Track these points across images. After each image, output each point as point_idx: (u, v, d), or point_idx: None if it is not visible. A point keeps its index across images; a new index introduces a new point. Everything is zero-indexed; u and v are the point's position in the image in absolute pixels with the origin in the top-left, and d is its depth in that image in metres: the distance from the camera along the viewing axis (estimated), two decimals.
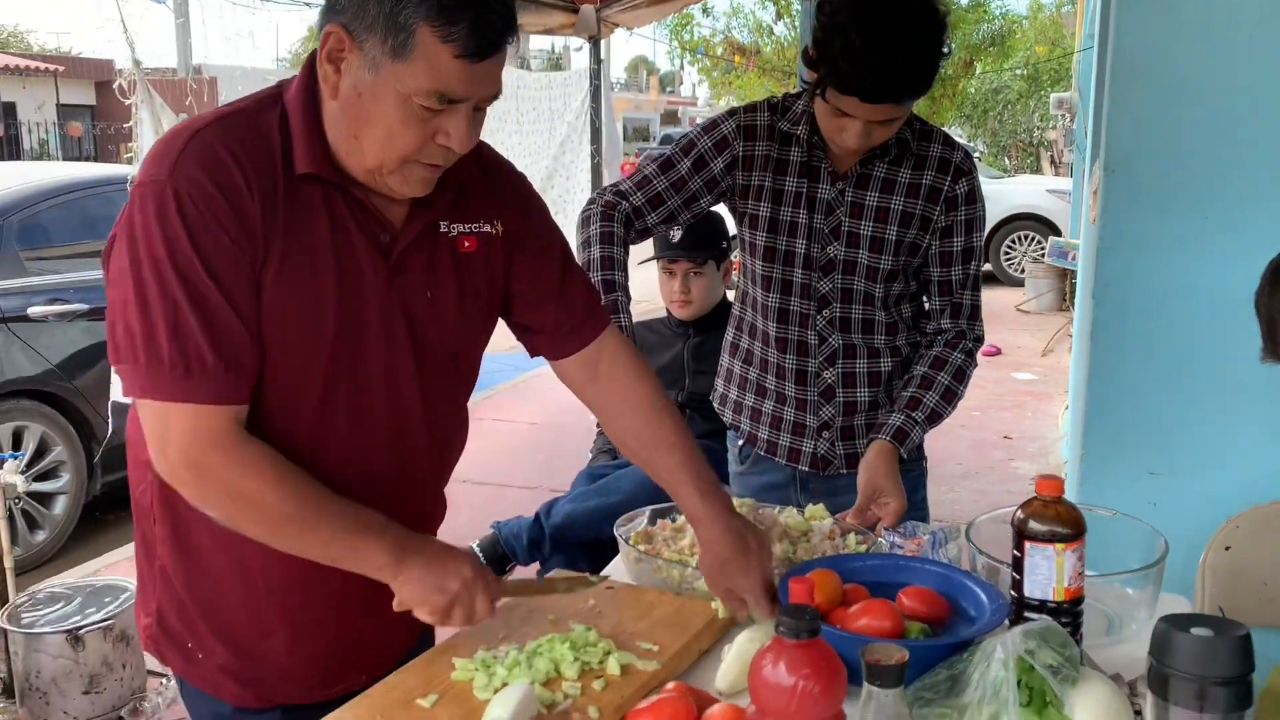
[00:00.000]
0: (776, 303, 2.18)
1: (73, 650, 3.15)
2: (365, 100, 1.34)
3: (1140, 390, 2.59)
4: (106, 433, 4.84)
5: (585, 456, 3.47)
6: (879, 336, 2.19)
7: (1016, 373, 8.01)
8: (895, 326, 2.20)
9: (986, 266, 11.17)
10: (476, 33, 1.30)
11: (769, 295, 2.18)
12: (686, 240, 3.15)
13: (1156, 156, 2.51)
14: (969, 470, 5.76)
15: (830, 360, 2.19)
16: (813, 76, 1.93)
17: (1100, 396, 2.65)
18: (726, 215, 2.42)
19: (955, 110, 19.40)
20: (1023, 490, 5.23)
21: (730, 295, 2.69)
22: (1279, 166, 2.45)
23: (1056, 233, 11.41)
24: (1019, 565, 1.41)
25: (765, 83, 17.51)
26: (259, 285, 1.37)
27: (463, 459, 1.70)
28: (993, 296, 9.86)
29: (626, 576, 1.83)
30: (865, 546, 1.87)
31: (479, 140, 1.47)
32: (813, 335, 2.18)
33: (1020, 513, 1.42)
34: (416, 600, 1.43)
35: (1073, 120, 12.56)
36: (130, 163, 4.40)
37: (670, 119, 44.58)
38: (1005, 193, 12.32)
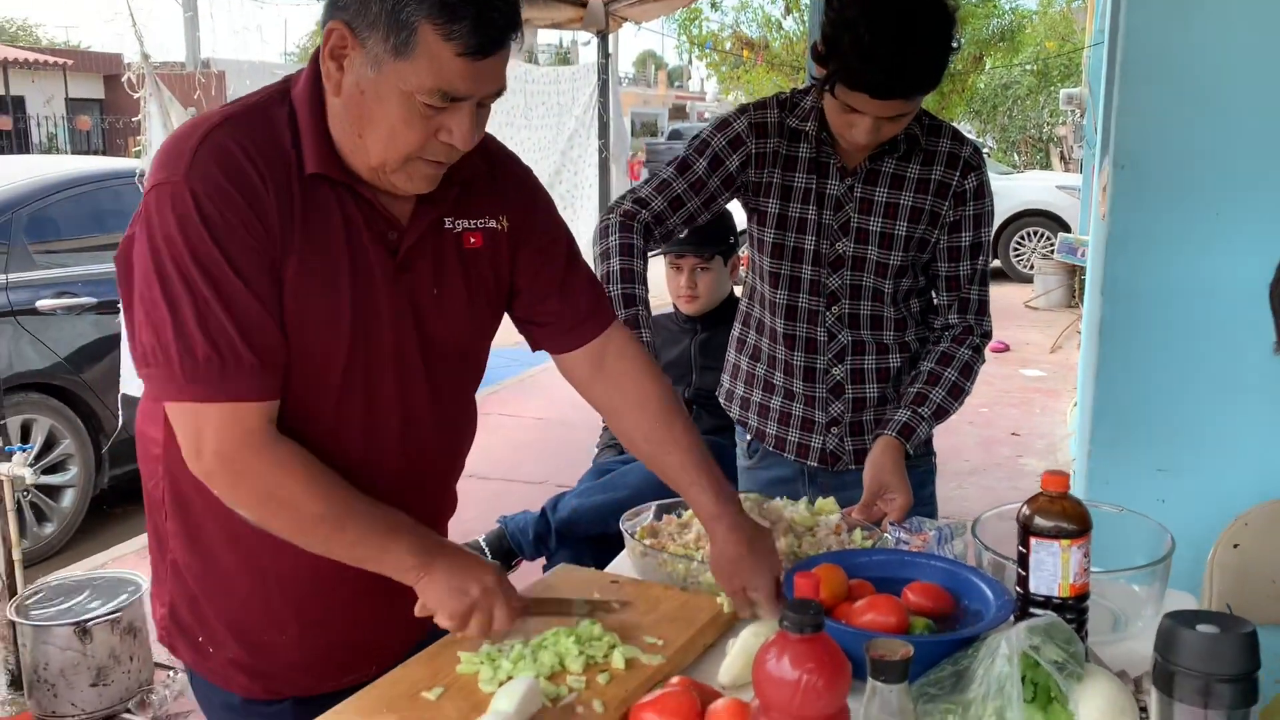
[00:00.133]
0: (785, 299, 2.17)
1: (80, 643, 3.17)
2: (368, 98, 1.34)
3: (1149, 387, 2.58)
4: (115, 426, 4.86)
5: (591, 451, 3.47)
6: (888, 332, 2.18)
7: (1025, 369, 8.00)
8: (904, 322, 2.20)
9: (995, 263, 11.16)
10: (479, 30, 1.29)
11: (777, 292, 2.18)
12: (693, 235, 3.13)
13: (1167, 153, 2.49)
14: (976, 467, 5.75)
15: (839, 356, 2.19)
16: (822, 72, 1.93)
17: (1108, 393, 2.64)
18: (734, 210, 2.41)
19: (964, 106, 19.35)
20: (1030, 487, 5.18)
21: (738, 291, 2.69)
22: None
23: (1066, 229, 11.35)
24: (1024, 561, 1.41)
25: (774, 77, 17.49)
26: (280, 283, 1.37)
27: (469, 454, 1.70)
28: (1001, 293, 9.84)
29: (632, 571, 1.83)
30: (871, 542, 1.87)
31: (485, 134, 1.46)
32: (822, 332, 2.17)
33: (1026, 508, 1.42)
34: (437, 603, 1.43)
35: (1083, 116, 12.50)
36: (139, 156, 4.38)
37: (678, 114, 44.53)
38: (1014, 189, 12.28)
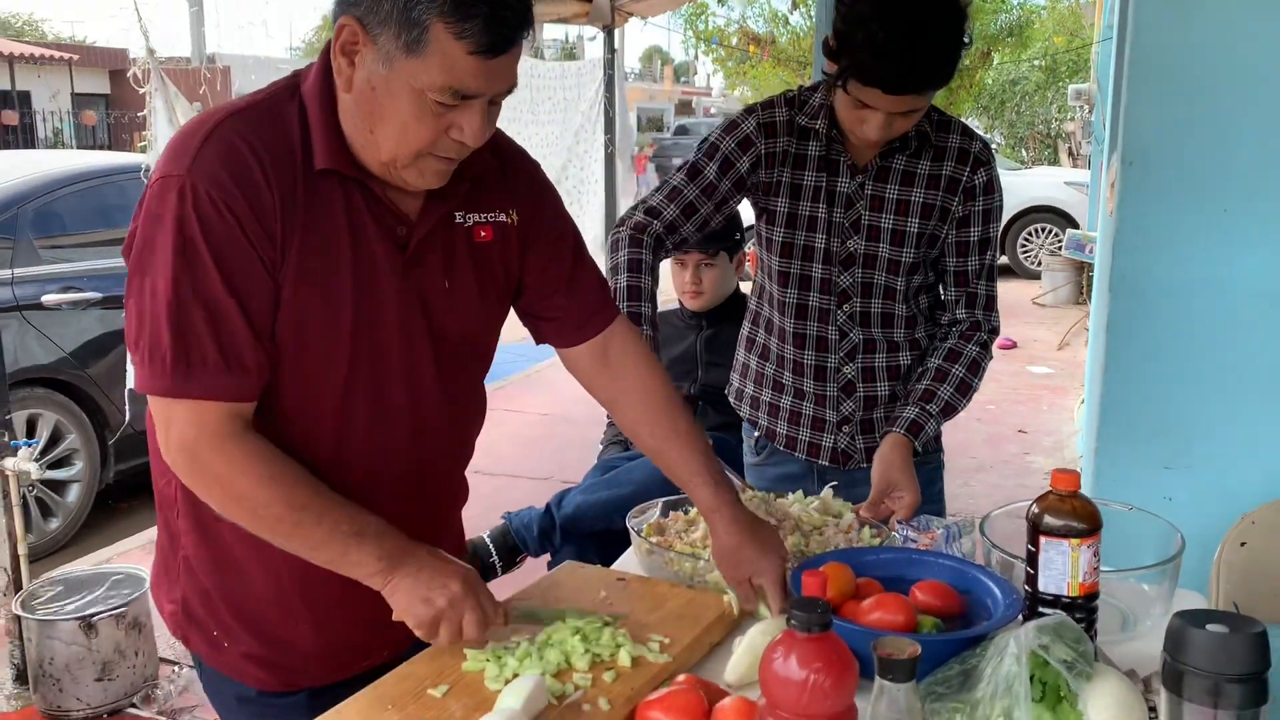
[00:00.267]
0: (795, 298, 2.16)
1: (86, 637, 3.17)
2: (379, 94, 1.33)
3: (1156, 384, 2.57)
4: (120, 421, 4.86)
5: (596, 447, 3.47)
6: (899, 330, 2.18)
7: (1032, 366, 7.98)
8: (914, 319, 2.19)
9: (1003, 259, 11.12)
10: (490, 29, 1.29)
11: (787, 291, 2.17)
12: None
13: (1175, 149, 2.49)
14: (983, 464, 5.75)
15: (850, 355, 2.18)
16: (833, 68, 1.92)
17: (1116, 390, 2.63)
18: (741, 206, 2.40)
19: (972, 101, 19.30)
20: (1037, 484, 5.22)
21: (744, 287, 2.68)
22: None
23: (1074, 225, 11.33)
24: (1034, 560, 1.40)
25: (780, 73, 17.47)
26: (277, 283, 1.37)
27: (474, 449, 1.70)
28: (1009, 289, 9.83)
29: (638, 568, 1.83)
30: (879, 540, 1.86)
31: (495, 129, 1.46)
32: (833, 330, 2.16)
33: (1036, 507, 1.41)
34: (404, 612, 1.42)
35: (1091, 112, 12.46)
36: (144, 151, 4.39)
37: (685, 109, 44.49)
38: (1022, 185, 12.23)
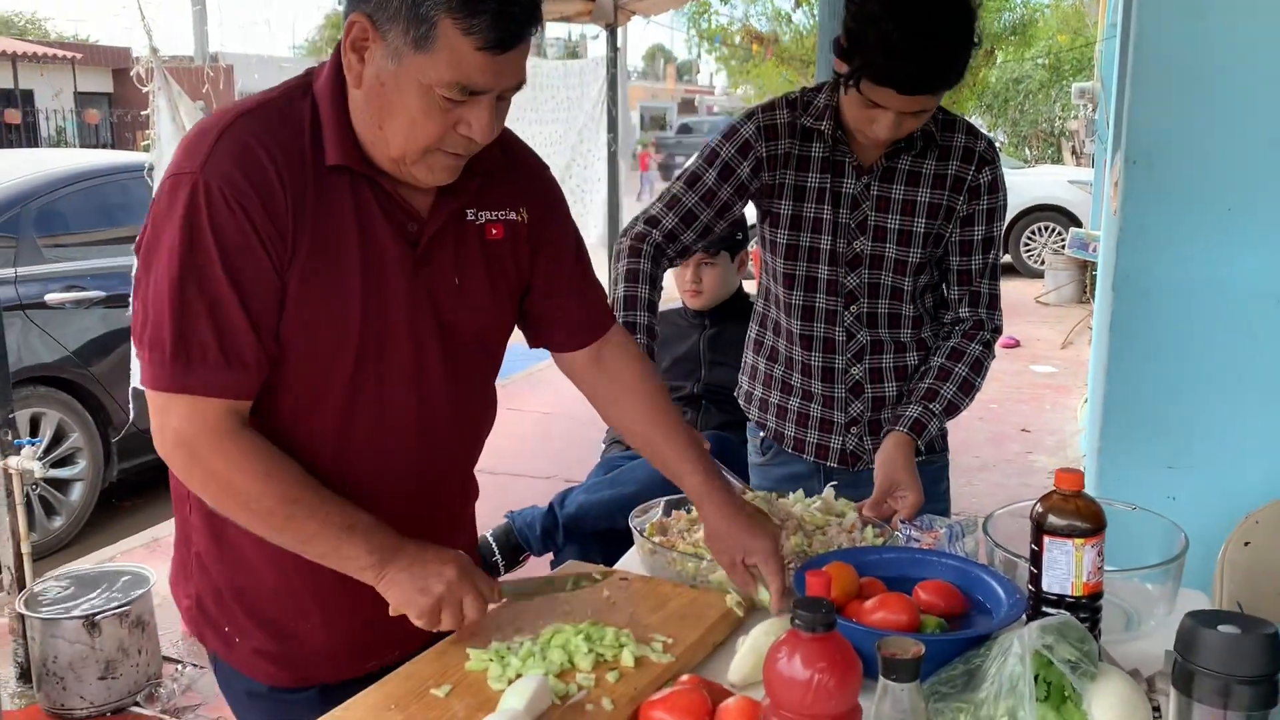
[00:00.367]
0: (801, 300, 2.16)
1: (89, 636, 3.17)
2: (388, 90, 1.34)
3: (1160, 383, 2.57)
4: (124, 419, 4.86)
5: (599, 447, 3.47)
6: (905, 330, 2.17)
7: (1035, 365, 7.97)
8: (921, 319, 2.19)
9: (1006, 258, 11.13)
10: (498, 24, 1.29)
11: (793, 293, 2.16)
12: None
13: (1179, 148, 2.48)
14: (986, 463, 5.74)
15: (858, 356, 2.17)
16: (843, 68, 1.91)
17: (1119, 390, 2.63)
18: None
19: (976, 100, 19.30)
20: (1040, 484, 5.22)
21: (748, 286, 2.67)
22: None
23: (1077, 224, 11.32)
24: (1037, 560, 1.40)
25: (783, 71, 17.46)
26: (284, 281, 1.37)
27: None
28: (1012, 288, 9.82)
29: (641, 568, 1.83)
30: (882, 540, 1.86)
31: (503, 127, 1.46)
32: (840, 332, 2.16)
33: (1039, 507, 1.41)
34: (401, 603, 1.43)
35: (1094, 110, 12.43)
36: (147, 150, 4.39)
37: (688, 108, 44.52)
38: (1026, 184, 12.23)
